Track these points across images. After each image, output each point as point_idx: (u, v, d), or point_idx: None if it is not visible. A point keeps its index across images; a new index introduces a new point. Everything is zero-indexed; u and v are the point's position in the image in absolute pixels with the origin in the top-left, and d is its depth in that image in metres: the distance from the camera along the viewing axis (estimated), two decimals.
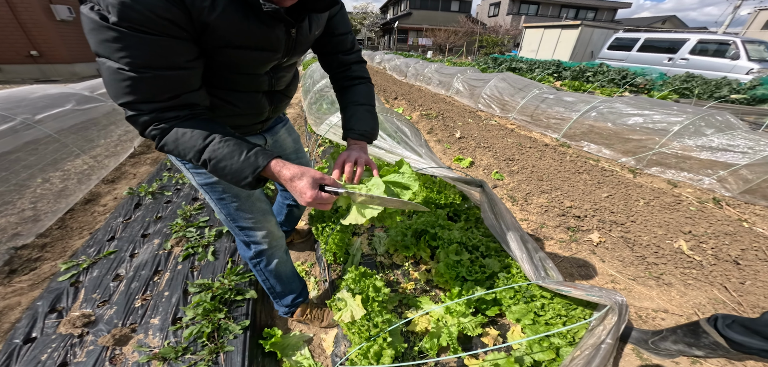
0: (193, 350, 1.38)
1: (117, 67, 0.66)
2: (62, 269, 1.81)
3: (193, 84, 0.79)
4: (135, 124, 0.75)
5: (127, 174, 3.29)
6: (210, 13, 0.70)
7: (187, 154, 0.79)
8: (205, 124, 0.81)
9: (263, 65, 0.93)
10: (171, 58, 0.71)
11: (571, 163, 3.83)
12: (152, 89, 0.72)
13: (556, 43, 16.44)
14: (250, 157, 0.80)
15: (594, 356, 1.31)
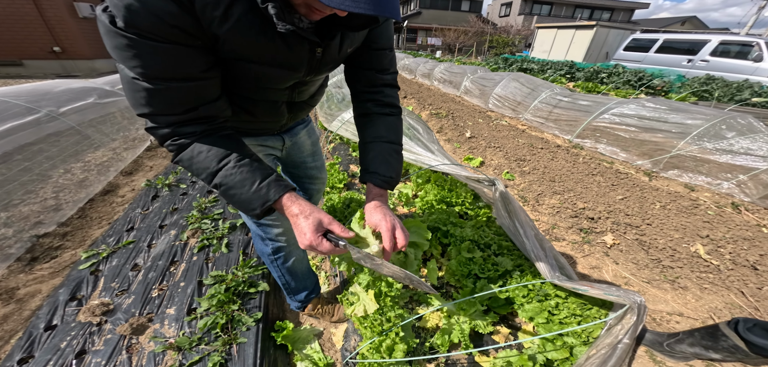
0: (207, 340, 1.41)
1: (132, 76, 0.64)
2: (83, 258, 1.86)
3: (209, 95, 0.74)
4: (154, 136, 0.73)
5: (144, 166, 3.37)
6: (220, 25, 0.64)
7: (200, 175, 0.76)
8: (222, 143, 0.77)
9: (282, 83, 0.86)
10: (183, 69, 0.66)
11: (585, 165, 3.77)
12: (167, 101, 0.69)
13: (569, 43, 16.17)
14: (262, 188, 0.76)
15: (610, 355, 1.29)
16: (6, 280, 1.79)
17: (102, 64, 10.17)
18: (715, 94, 6.95)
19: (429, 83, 9.11)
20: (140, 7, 0.56)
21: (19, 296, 1.71)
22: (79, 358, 1.34)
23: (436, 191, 2.69)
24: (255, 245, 1.38)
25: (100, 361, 1.32)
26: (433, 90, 8.33)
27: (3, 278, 1.80)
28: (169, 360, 1.33)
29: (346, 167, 3.44)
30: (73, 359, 1.33)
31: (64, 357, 1.33)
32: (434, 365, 1.51)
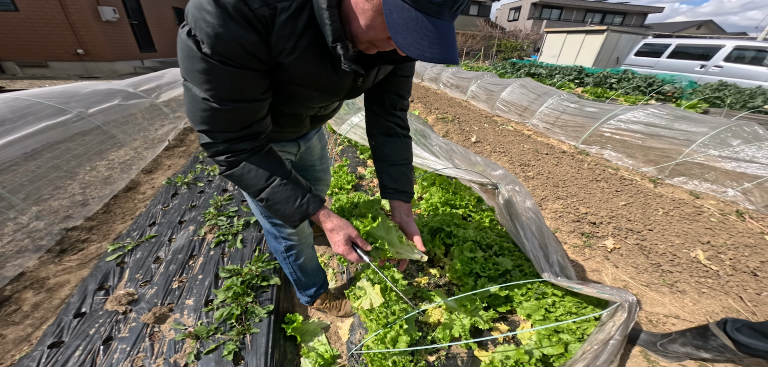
0: (223, 330, 1.51)
1: (203, 96, 0.70)
2: (109, 250, 2.00)
3: (262, 114, 0.83)
4: (208, 150, 0.81)
5: (163, 165, 3.55)
6: (288, 56, 0.72)
7: (249, 190, 0.88)
8: (267, 162, 0.88)
9: (318, 103, 0.96)
10: (250, 91, 0.74)
11: (589, 171, 3.80)
12: (229, 120, 0.76)
13: (579, 48, 16.05)
14: (303, 204, 0.91)
15: (602, 351, 1.36)
16: (37, 270, 1.94)
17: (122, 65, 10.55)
18: (727, 101, 6.86)
19: (436, 87, 9.20)
20: (227, 35, 0.63)
21: (50, 285, 1.85)
22: (106, 344, 1.45)
23: (440, 194, 2.78)
24: (268, 243, 1.47)
25: (125, 347, 1.43)
26: (440, 94, 8.41)
27: (34, 269, 1.95)
28: (188, 348, 1.44)
29: (354, 169, 3.55)
30: (100, 345, 1.44)
31: (93, 343, 1.44)
32: (435, 358, 1.59)
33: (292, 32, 0.69)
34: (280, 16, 0.66)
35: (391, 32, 0.61)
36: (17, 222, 2.09)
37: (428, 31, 0.60)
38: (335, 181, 3.11)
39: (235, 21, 0.62)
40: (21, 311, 1.67)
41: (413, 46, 0.61)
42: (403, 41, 0.61)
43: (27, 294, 1.77)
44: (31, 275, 1.89)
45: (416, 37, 0.60)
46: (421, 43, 0.60)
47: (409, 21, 0.59)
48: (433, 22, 0.60)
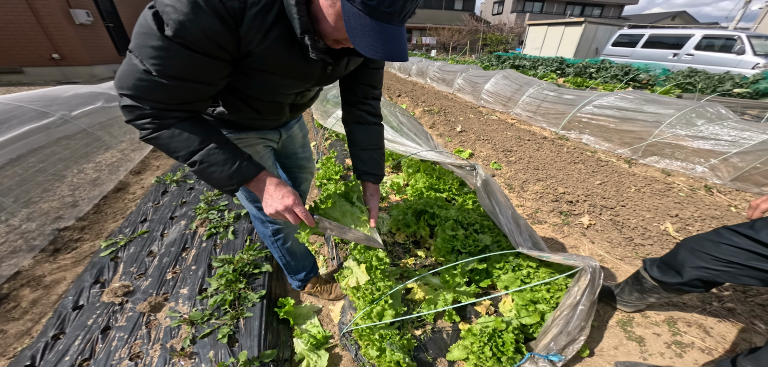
0: (217, 316, 1.57)
1: (145, 68, 0.69)
2: (102, 247, 2.05)
3: (207, 96, 0.84)
4: (128, 113, 0.77)
5: (151, 166, 3.55)
6: (259, 45, 0.75)
7: (177, 152, 0.84)
8: (201, 127, 0.86)
9: (292, 90, 1.00)
10: (202, 75, 0.75)
11: (568, 154, 3.98)
12: (169, 95, 0.75)
13: (559, 40, 16.42)
14: (240, 169, 0.90)
15: (572, 316, 1.44)
16: (33, 269, 1.98)
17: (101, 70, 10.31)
18: (698, 86, 7.19)
19: (423, 82, 9.31)
20: (194, 24, 0.65)
21: (46, 282, 1.89)
22: (104, 333, 1.51)
23: (425, 179, 2.89)
24: (256, 228, 1.53)
25: (123, 335, 1.49)
26: (427, 88, 8.53)
27: (30, 268, 1.98)
28: (184, 333, 1.50)
29: (342, 161, 3.63)
30: (99, 334, 1.49)
31: (91, 333, 1.50)
32: (421, 332, 1.69)
33: (262, 25, 0.73)
34: (251, 9, 0.70)
35: (350, 36, 0.70)
36: (9, 224, 2.11)
37: (380, 34, 0.69)
38: (324, 172, 3.19)
39: (205, 12, 0.65)
40: (20, 307, 1.72)
41: (368, 47, 0.70)
42: (360, 43, 0.70)
43: (24, 291, 1.81)
44: (27, 273, 1.93)
45: (370, 40, 0.69)
46: (374, 45, 0.70)
47: (364, 26, 0.68)
48: (384, 27, 0.69)
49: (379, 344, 1.46)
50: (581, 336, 1.40)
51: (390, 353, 1.42)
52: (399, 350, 1.43)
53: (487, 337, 1.43)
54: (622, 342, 1.64)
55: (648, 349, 1.59)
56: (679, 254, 1.35)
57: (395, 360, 1.39)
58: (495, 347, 1.39)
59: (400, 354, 1.40)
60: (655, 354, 1.57)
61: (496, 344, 1.40)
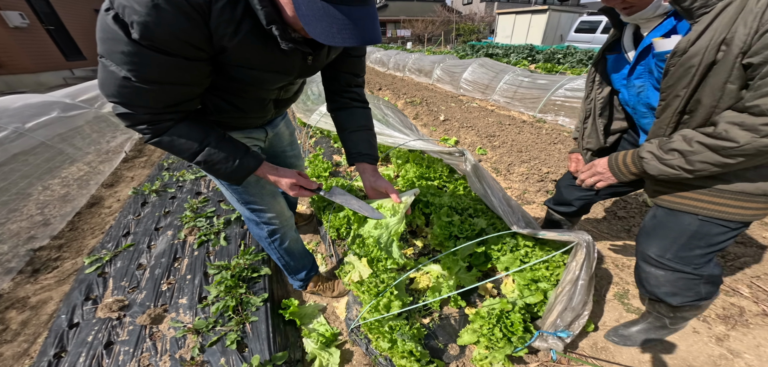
0: (222, 322, 1.53)
1: (123, 75, 0.68)
2: (86, 263, 1.92)
3: (194, 96, 0.84)
4: (124, 120, 0.78)
5: (125, 177, 3.34)
6: (231, 39, 0.73)
7: (181, 154, 0.88)
8: (197, 127, 0.89)
9: (274, 84, 0.98)
10: (181, 76, 0.74)
11: (547, 136, 4.14)
12: (154, 99, 0.75)
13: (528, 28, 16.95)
14: (244, 162, 0.96)
15: (574, 291, 1.44)
16: (15, 291, 1.87)
17: (49, 77, 9.51)
18: None
19: (402, 74, 9.33)
20: (159, 24, 0.62)
21: (32, 303, 1.79)
22: (107, 348, 1.44)
23: (415, 169, 2.91)
24: (251, 231, 1.49)
25: (128, 349, 1.43)
26: (406, 80, 8.56)
27: (11, 290, 1.88)
28: (191, 342, 1.45)
29: (329, 157, 3.58)
30: (102, 350, 1.43)
31: (94, 349, 1.44)
32: (430, 320, 1.71)
33: (232, 18, 0.71)
34: (216, 3, 0.67)
35: (303, 24, 0.65)
36: None
37: (336, 18, 0.64)
38: (312, 170, 3.13)
39: (167, 11, 0.62)
40: (10, 329, 1.65)
41: (323, 34, 0.65)
42: (314, 31, 0.65)
43: (11, 314, 1.73)
44: (9, 296, 1.84)
45: (325, 25, 0.64)
46: (330, 30, 0.65)
47: (317, 11, 0.64)
48: (340, 9, 0.64)
49: (390, 335, 1.47)
50: (585, 311, 1.44)
51: (402, 344, 1.43)
52: (410, 340, 1.45)
53: (495, 318, 1.47)
54: (623, 315, 1.73)
55: None
56: (564, 191, 1.66)
57: (408, 349, 1.40)
58: (504, 327, 1.44)
59: (411, 344, 1.42)
60: None
61: (505, 324, 1.45)
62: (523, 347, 1.40)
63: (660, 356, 1.50)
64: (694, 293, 1.16)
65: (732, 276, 1.94)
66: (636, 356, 1.52)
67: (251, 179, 1.26)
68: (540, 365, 1.48)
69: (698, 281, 1.13)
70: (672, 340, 1.56)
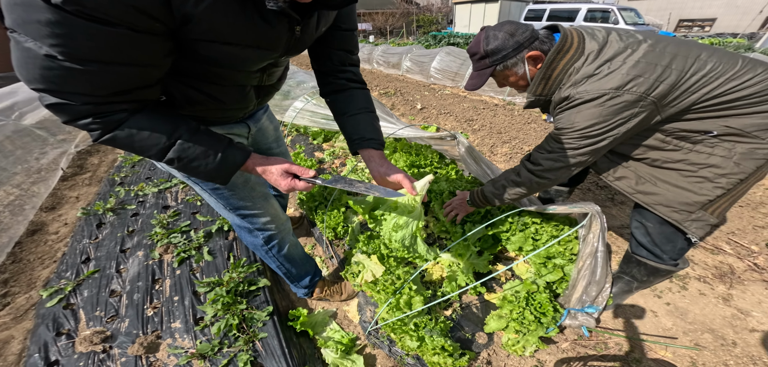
0: (228, 343, 1.35)
1: (45, 52, 0.51)
2: (45, 296, 1.64)
3: (151, 81, 0.66)
4: (58, 113, 0.60)
5: (67, 198, 2.86)
6: (197, 4, 0.57)
7: (146, 152, 0.70)
8: (164, 117, 0.71)
9: (256, 64, 0.81)
10: (128, 54, 0.57)
11: (520, 117, 4.27)
12: (93, 83, 0.58)
13: (483, 17, 17.60)
14: (228, 157, 0.77)
15: (595, 264, 1.36)
16: None
17: None
18: None
19: (370, 67, 9.17)
20: None
21: None
22: None
23: (405, 158, 2.81)
24: (244, 240, 1.31)
25: None
26: (375, 73, 8.43)
27: None
28: None
29: (311, 155, 3.37)
30: None
31: None
32: (451, 311, 1.63)
33: None
34: None
35: None
36: None
37: None
38: None
39: None
40: None
41: None
42: None
43: None
44: None
45: None
46: None
47: None
48: None
49: (417, 333, 1.37)
50: (607, 284, 1.38)
51: (431, 340, 1.34)
52: (439, 335, 1.36)
53: (524, 301, 1.43)
54: None
55: (657, 288, 1.71)
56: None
57: (439, 345, 1.31)
58: (534, 309, 1.39)
59: (441, 339, 1.33)
60: (664, 291, 1.70)
61: (534, 306, 1.41)
62: (555, 327, 1.37)
63: (679, 321, 1.54)
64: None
65: (711, 235, 2.09)
66: (659, 323, 1.54)
67: (238, 180, 1.08)
68: (571, 343, 1.46)
69: None
70: (683, 305, 1.61)
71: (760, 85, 0.94)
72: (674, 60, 0.97)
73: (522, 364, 1.39)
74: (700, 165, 1.09)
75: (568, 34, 1.10)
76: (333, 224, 2.12)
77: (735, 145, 1.03)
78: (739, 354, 1.38)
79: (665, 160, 1.15)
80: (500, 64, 1.15)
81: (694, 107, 1.00)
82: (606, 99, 0.99)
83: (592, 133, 1.07)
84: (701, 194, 1.11)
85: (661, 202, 1.20)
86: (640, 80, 0.96)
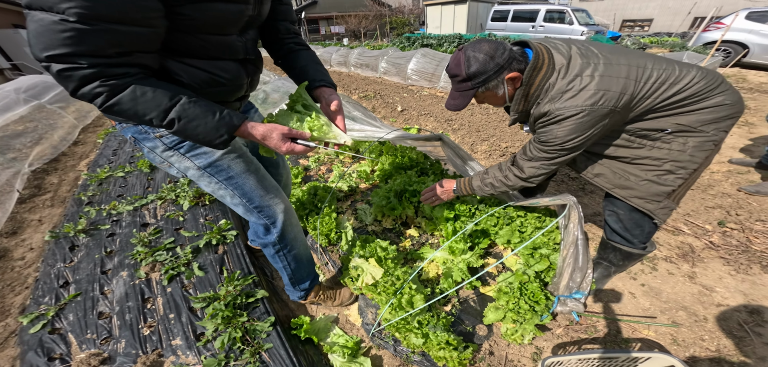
0: (233, 356, 1.33)
1: (58, 18, 0.59)
2: (26, 323, 1.54)
3: (150, 44, 0.75)
4: (67, 80, 0.66)
5: (29, 221, 2.64)
6: None
7: (148, 114, 0.75)
8: (166, 85, 0.78)
9: (236, 22, 0.91)
10: (131, 12, 0.66)
11: (495, 115, 4.46)
12: (100, 43, 0.65)
13: (453, 18, 18.04)
14: (225, 116, 0.83)
15: (577, 252, 1.45)
16: None
17: None
18: None
19: (347, 70, 9.14)
20: None
21: None
22: None
23: (390, 159, 2.87)
24: (258, 241, 1.33)
25: None
26: (353, 76, 8.41)
27: None
28: None
29: (295, 163, 3.32)
30: None
31: None
32: (451, 306, 1.68)
33: None
34: None
35: None
36: None
37: None
38: None
39: None
40: None
41: None
42: None
43: None
44: None
45: None
46: None
47: None
48: None
49: (422, 330, 1.42)
50: (588, 269, 1.50)
51: (435, 336, 1.39)
52: (442, 330, 1.41)
53: (518, 291, 1.51)
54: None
55: (631, 270, 1.86)
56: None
57: (444, 340, 1.36)
58: (528, 298, 1.48)
59: (445, 334, 1.38)
60: (638, 273, 1.85)
61: (528, 295, 1.50)
62: (548, 314, 1.47)
63: (656, 301, 1.69)
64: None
65: (669, 218, 2.30)
66: (638, 304, 1.68)
67: (252, 167, 1.16)
68: (564, 329, 1.56)
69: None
70: (656, 285, 1.77)
71: (697, 87, 1.10)
72: (629, 71, 1.11)
73: (522, 352, 1.47)
74: (663, 159, 1.24)
75: (539, 52, 1.19)
76: (325, 230, 2.12)
77: (687, 140, 1.18)
78: (710, 329, 1.53)
79: (634, 157, 1.30)
80: (482, 86, 1.23)
81: (650, 110, 1.15)
82: (584, 115, 1.12)
83: (571, 144, 1.20)
84: (666, 184, 1.26)
85: (636, 195, 1.34)
86: (609, 94, 1.09)
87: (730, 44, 6.76)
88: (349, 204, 2.62)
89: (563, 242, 1.65)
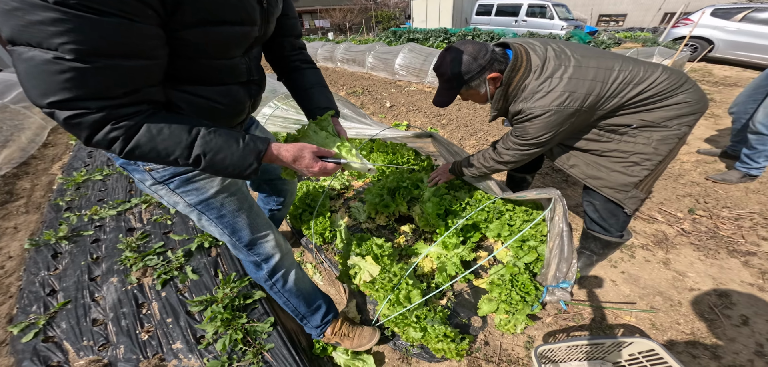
0: (236, 358, 1.34)
1: (52, 56, 0.51)
2: (16, 332, 1.50)
3: (155, 77, 0.68)
4: (78, 129, 0.60)
5: (4, 229, 2.51)
6: None
7: (172, 154, 0.69)
8: (177, 118, 0.71)
9: (242, 44, 0.85)
10: (132, 44, 0.59)
11: (482, 111, 4.55)
12: (104, 83, 0.58)
13: (438, 12, 18.11)
14: (249, 143, 0.77)
15: (562, 243, 1.48)
16: None
17: None
18: None
19: (333, 66, 9.03)
20: None
21: None
22: None
23: (382, 157, 2.89)
24: (251, 275, 1.27)
25: None
26: (339, 71, 8.33)
27: None
28: None
29: None
30: None
31: None
32: (446, 300, 1.74)
33: None
34: None
35: None
36: None
37: None
38: None
39: None
40: None
41: None
42: None
43: None
44: None
45: None
46: None
47: None
48: None
49: (420, 324, 1.47)
50: (573, 259, 1.57)
51: (433, 329, 1.44)
52: (440, 323, 1.47)
53: (510, 283, 1.58)
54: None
55: (611, 258, 1.97)
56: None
57: (441, 333, 1.42)
58: (519, 290, 1.56)
59: (442, 327, 1.44)
60: (618, 261, 1.97)
61: (519, 287, 1.57)
62: (539, 304, 1.55)
63: (634, 287, 1.80)
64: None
65: (645, 207, 2.45)
66: (619, 291, 1.79)
67: (244, 204, 1.09)
68: (554, 318, 1.65)
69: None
70: (634, 272, 1.89)
71: (661, 87, 1.21)
72: (597, 73, 1.20)
73: (515, 341, 1.55)
74: (630, 152, 1.34)
75: (518, 53, 1.27)
76: (320, 229, 2.13)
77: (652, 134, 1.29)
78: (685, 313, 1.66)
79: (604, 150, 1.40)
80: (465, 85, 1.32)
81: (618, 108, 1.26)
82: (551, 114, 1.22)
83: (541, 139, 1.32)
84: (633, 175, 1.37)
85: (606, 185, 1.45)
86: (575, 95, 1.19)
87: (697, 40, 7.11)
88: (342, 202, 2.63)
89: (549, 234, 1.73)
